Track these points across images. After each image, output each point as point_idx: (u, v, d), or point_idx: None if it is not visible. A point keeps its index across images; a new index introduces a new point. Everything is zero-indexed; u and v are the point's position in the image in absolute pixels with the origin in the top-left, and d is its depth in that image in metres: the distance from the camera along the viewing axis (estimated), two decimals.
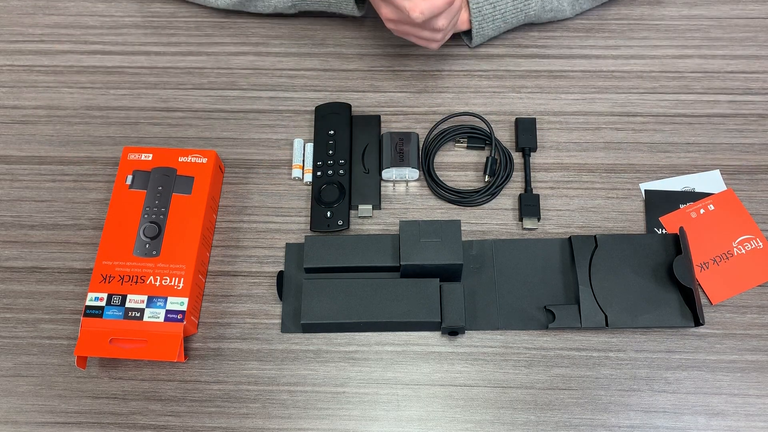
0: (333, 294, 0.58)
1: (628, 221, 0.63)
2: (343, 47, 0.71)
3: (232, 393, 0.57)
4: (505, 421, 0.56)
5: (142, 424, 0.56)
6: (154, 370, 0.58)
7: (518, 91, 0.69)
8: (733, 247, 0.61)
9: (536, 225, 0.63)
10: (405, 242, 0.58)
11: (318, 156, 0.65)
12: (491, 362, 0.58)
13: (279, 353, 0.59)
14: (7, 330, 0.60)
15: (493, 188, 0.64)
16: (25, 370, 0.58)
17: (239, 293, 0.61)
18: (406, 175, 0.64)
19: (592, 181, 0.65)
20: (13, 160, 0.67)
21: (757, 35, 0.71)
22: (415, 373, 0.58)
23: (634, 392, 0.57)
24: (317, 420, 0.56)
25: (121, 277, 0.57)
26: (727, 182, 0.64)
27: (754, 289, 0.60)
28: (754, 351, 0.58)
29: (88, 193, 0.65)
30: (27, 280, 0.62)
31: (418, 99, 0.69)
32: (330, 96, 0.69)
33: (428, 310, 0.57)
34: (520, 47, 0.71)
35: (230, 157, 0.66)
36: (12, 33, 0.73)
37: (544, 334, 0.59)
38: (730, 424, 0.55)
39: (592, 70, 0.70)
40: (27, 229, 0.64)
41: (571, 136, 0.67)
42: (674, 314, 0.57)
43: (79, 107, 0.69)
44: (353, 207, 0.63)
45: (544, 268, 0.60)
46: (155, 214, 0.60)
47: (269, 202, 0.64)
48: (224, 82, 0.70)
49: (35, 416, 0.57)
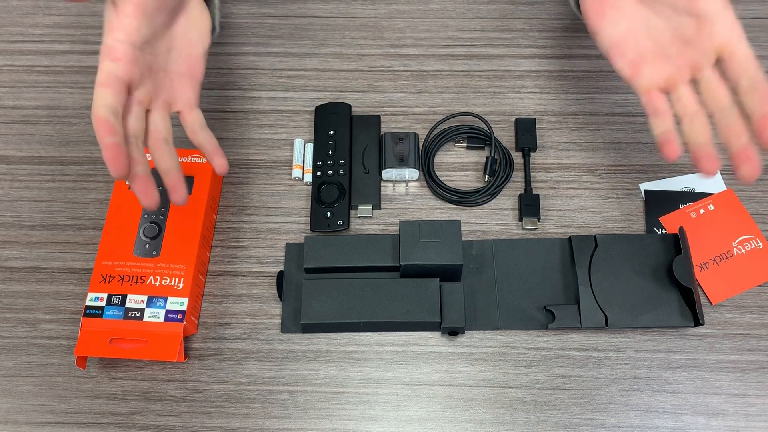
0: (333, 294, 0.58)
1: (628, 221, 0.63)
2: (343, 47, 0.72)
3: (232, 393, 0.57)
4: (505, 421, 0.56)
5: (142, 424, 0.56)
6: (154, 370, 0.58)
7: (518, 91, 0.69)
8: (733, 247, 0.61)
9: (536, 225, 0.63)
10: (405, 242, 0.58)
11: (318, 156, 0.65)
12: (491, 362, 0.58)
13: (279, 353, 0.59)
14: (7, 330, 0.60)
15: (493, 188, 0.64)
16: (25, 370, 0.58)
17: (239, 293, 0.61)
18: (406, 175, 0.64)
19: (592, 181, 0.65)
20: (13, 160, 0.67)
21: (757, 35, 0.71)
22: (415, 373, 0.58)
23: (634, 392, 0.57)
24: (317, 420, 0.56)
25: (121, 277, 0.57)
26: (727, 182, 0.64)
27: (754, 289, 0.60)
28: (754, 351, 0.58)
29: (88, 193, 0.65)
30: (27, 280, 0.62)
31: (418, 99, 0.69)
32: (330, 96, 0.69)
33: (428, 310, 0.57)
34: (520, 47, 0.71)
35: (230, 157, 0.66)
36: (12, 33, 0.73)
37: (544, 334, 0.59)
38: (730, 424, 0.55)
39: (592, 70, 0.70)
40: (27, 229, 0.64)
41: (571, 136, 0.67)
42: (674, 314, 0.58)
43: (79, 107, 0.69)
44: (353, 207, 0.63)
45: (544, 268, 0.60)
46: (155, 214, 0.60)
47: (269, 202, 0.64)
48: (224, 82, 0.70)
49: (35, 416, 0.57)
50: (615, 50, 0.54)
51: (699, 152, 0.50)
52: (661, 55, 0.53)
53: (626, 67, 0.54)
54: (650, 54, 0.53)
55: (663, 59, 0.53)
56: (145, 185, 0.49)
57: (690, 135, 0.51)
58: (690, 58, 0.52)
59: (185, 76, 0.54)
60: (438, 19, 0.73)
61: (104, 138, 0.46)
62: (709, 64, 0.51)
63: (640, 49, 0.54)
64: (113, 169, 0.46)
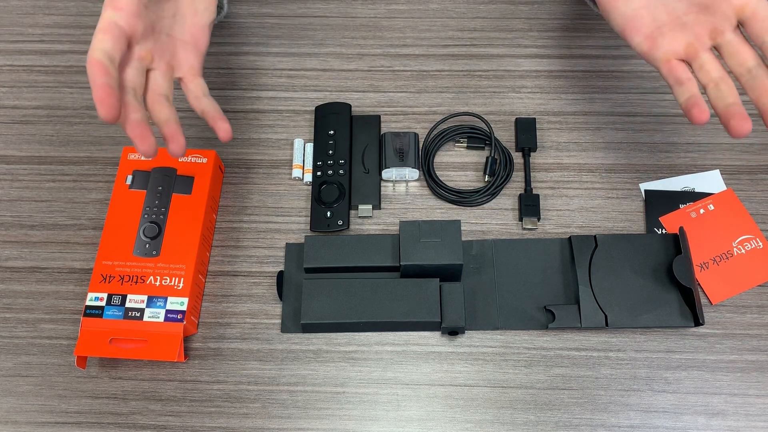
0: (333, 294, 0.58)
1: (628, 221, 0.63)
2: (343, 47, 0.72)
3: (232, 393, 0.57)
4: (505, 421, 0.56)
5: (142, 424, 0.56)
6: (154, 370, 0.58)
7: (518, 91, 0.69)
8: (733, 247, 0.61)
9: (536, 225, 0.63)
10: (405, 242, 0.58)
11: (318, 156, 0.65)
12: (491, 362, 0.58)
13: (279, 353, 0.59)
14: (7, 330, 0.60)
15: (493, 188, 0.64)
16: (25, 370, 0.58)
17: (239, 293, 0.61)
18: (406, 175, 0.64)
19: (592, 181, 0.65)
20: (13, 160, 0.67)
21: None
22: (415, 373, 0.58)
23: (634, 392, 0.57)
24: (317, 420, 0.56)
25: (121, 277, 0.57)
26: (727, 182, 0.64)
27: (754, 289, 0.60)
28: (754, 351, 0.58)
29: (88, 193, 0.65)
30: (27, 280, 0.62)
31: (418, 99, 0.69)
32: (330, 96, 0.69)
33: (428, 310, 0.57)
34: (520, 47, 0.71)
35: (230, 157, 0.66)
36: (12, 33, 0.73)
37: (544, 334, 0.59)
38: (730, 424, 0.55)
39: (592, 70, 0.70)
40: (27, 229, 0.64)
41: (571, 136, 0.67)
42: (674, 314, 0.58)
43: (79, 107, 0.69)
44: (353, 207, 0.64)
45: (544, 268, 0.60)
46: (155, 214, 0.60)
47: (269, 202, 0.64)
48: (224, 82, 0.70)
49: (35, 416, 0.57)
50: (630, 26, 0.53)
51: (729, 112, 0.49)
52: (677, 25, 0.52)
53: (644, 42, 0.53)
54: (666, 25, 0.52)
55: (680, 28, 0.52)
56: (141, 130, 0.47)
57: (717, 99, 0.50)
58: (709, 25, 0.51)
59: (189, 44, 0.54)
60: (438, 19, 0.73)
61: (96, 79, 0.45)
62: (730, 27, 0.50)
63: (656, 21, 0.52)
64: (102, 108, 0.44)
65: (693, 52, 0.52)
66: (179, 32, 0.54)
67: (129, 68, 0.49)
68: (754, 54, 0.50)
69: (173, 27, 0.53)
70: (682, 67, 0.52)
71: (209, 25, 0.55)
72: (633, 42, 0.53)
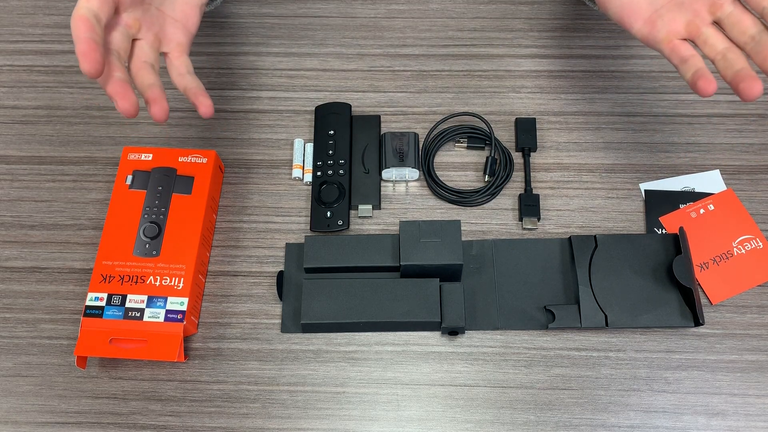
0: (333, 294, 0.58)
1: (628, 221, 0.63)
2: (343, 47, 0.72)
3: (232, 393, 0.57)
4: (505, 421, 0.56)
5: (142, 424, 0.56)
6: (154, 370, 0.58)
7: (518, 91, 0.69)
8: (733, 247, 0.61)
9: (536, 225, 0.63)
10: (405, 242, 0.58)
11: (318, 156, 0.65)
12: (491, 362, 0.58)
13: (279, 353, 0.59)
14: (7, 330, 0.60)
15: (493, 188, 0.64)
16: (25, 370, 0.58)
17: (239, 293, 0.61)
18: (406, 175, 0.64)
19: (592, 181, 0.65)
20: (13, 160, 0.67)
21: None
22: (415, 373, 0.58)
23: (634, 392, 0.57)
24: (317, 420, 0.56)
25: (121, 277, 0.57)
26: (727, 182, 0.64)
27: (754, 289, 0.60)
28: (754, 351, 0.58)
29: (88, 193, 0.65)
30: (27, 280, 0.62)
31: (418, 99, 0.69)
32: (330, 96, 0.69)
33: (428, 310, 0.57)
34: (520, 47, 0.71)
35: (230, 157, 0.66)
36: (12, 33, 0.73)
37: (544, 334, 0.59)
38: (730, 424, 0.55)
39: (592, 70, 0.70)
40: (27, 229, 0.64)
41: (571, 136, 0.67)
42: (674, 314, 0.58)
43: (79, 107, 0.69)
44: (353, 207, 0.64)
45: (544, 268, 0.60)
46: (155, 214, 0.60)
47: (269, 202, 0.64)
48: (224, 82, 0.70)
49: (35, 416, 0.57)
50: (628, 13, 0.53)
51: (738, 77, 0.48)
52: (675, 5, 0.52)
53: (643, 27, 0.53)
54: (664, 7, 0.52)
55: (678, 8, 0.52)
56: (123, 88, 0.46)
57: (726, 69, 0.50)
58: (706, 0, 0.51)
59: (179, 22, 0.54)
60: (438, 19, 0.73)
61: (80, 33, 0.44)
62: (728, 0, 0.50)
63: (653, 4, 0.53)
64: (85, 62, 0.44)
65: (695, 29, 0.52)
66: (170, 8, 0.53)
67: (115, 32, 0.49)
68: (755, 21, 0.50)
69: (164, 2, 0.53)
70: (684, 45, 0.52)
71: (201, 6, 0.55)
72: (633, 29, 0.53)
